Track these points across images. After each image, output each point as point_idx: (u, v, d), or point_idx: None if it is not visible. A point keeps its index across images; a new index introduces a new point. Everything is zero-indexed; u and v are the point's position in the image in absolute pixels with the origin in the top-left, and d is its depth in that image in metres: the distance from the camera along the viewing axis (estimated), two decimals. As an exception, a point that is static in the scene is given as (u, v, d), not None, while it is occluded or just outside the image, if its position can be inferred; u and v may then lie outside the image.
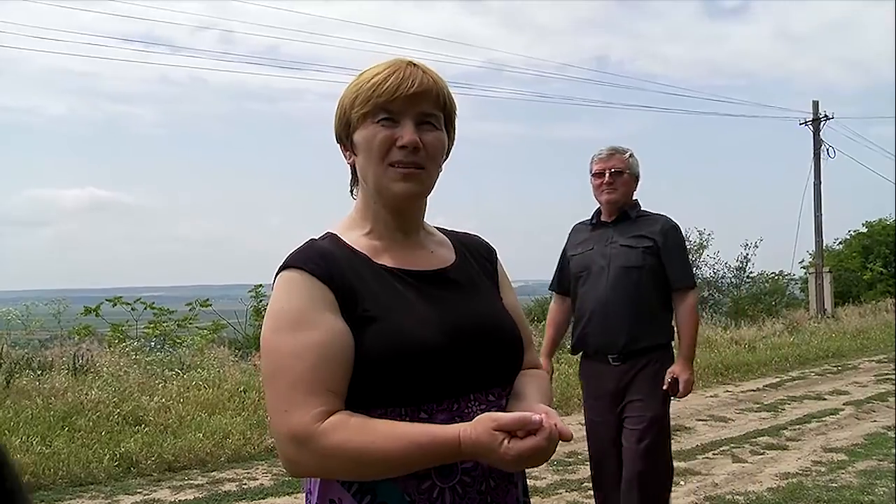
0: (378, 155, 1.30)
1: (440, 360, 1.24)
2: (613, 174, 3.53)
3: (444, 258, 1.42)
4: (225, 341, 10.32)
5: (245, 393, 7.33)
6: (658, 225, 3.55)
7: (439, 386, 1.25)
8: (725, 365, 10.95)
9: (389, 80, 1.29)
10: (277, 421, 1.21)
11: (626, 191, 3.58)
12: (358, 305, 1.26)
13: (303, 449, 1.18)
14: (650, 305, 3.50)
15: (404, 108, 1.29)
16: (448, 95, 1.36)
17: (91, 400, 6.62)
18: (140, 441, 5.92)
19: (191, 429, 6.29)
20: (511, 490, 1.31)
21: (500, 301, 1.45)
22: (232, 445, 6.08)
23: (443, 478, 1.23)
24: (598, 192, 3.58)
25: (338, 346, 1.22)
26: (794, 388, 9.58)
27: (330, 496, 1.27)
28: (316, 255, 1.30)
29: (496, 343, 1.33)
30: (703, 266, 19.79)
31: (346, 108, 1.34)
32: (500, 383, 1.34)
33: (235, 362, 8.63)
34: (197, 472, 5.69)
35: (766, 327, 14.98)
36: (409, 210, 1.38)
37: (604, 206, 3.61)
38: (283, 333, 1.24)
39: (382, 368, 1.22)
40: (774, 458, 6.04)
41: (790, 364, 11.67)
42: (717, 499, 4.96)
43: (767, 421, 7.58)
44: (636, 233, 3.52)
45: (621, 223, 3.58)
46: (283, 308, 1.26)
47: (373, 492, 1.23)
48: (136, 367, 7.94)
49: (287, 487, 5.26)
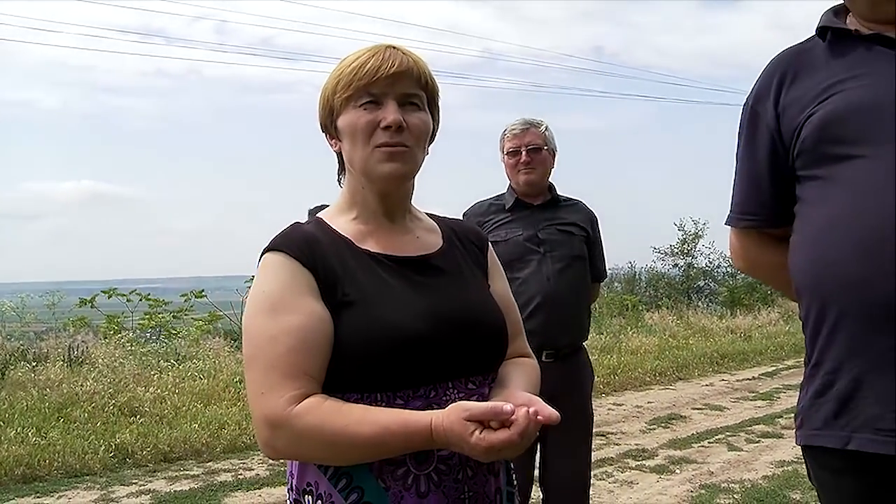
0: (363, 138, 1.31)
1: (417, 347, 1.23)
2: (530, 151, 3.10)
3: (430, 244, 1.41)
4: (220, 332, 10.31)
5: (240, 383, 7.31)
6: (584, 212, 3.24)
7: (416, 373, 1.24)
8: (721, 354, 11.00)
9: (369, 63, 1.29)
10: (254, 404, 1.22)
11: (544, 170, 3.16)
12: (338, 290, 1.25)
13: (277, 432, 1.19)
14: (588, 299, 3.25)
15: (386, 89, 1.30)
16: (429, 76, 1.36)
17: (86, 391, 6.62)
18: (135, 432, 5.91)
19: (186, 419, 6.29)
20: (490, 479, 1.31)
21: (487, 289, 1.44)
22: (227, 436, 6.07)
23: (418, 464, 1.23)
24: (514, 173, 3.14)
25: (316, 330, 1.22)
26: (789, 377, 9.59)
27: (307, 479, 1.27)
28: (299, 238, 1.30)
29: (477, 331, 1.32)
30: (698, 256, 19.83)
31: (329, 95, 1.35)
32: (481, 371, 1.33)
33: (231, 353, 8.62)
34: (192, 462, 5.68)
35: (762, 316, 15.02)
36: (395, 193, 1.37)
37: (522, 187, 3.14)
38: (263, 317, 1.24)
39: (359, 353, 1.22)
40: (770, 447, 6.06)
41: (785, 353, 11.71)
42: (712, 487, 4.96)
43: (763, 409, 7.60)
44: (567, 219, 3.15)
45: (549, 207, 3.16)
46: (263, 291, 1.26)
47: (348, 476, 1.23)
48: (132, 358, 7.94)
49: (283, 478, 5.25)
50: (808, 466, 1.46)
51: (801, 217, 1.42)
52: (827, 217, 1.34)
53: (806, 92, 1.40)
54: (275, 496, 4.95)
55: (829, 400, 1.33)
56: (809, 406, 1.38)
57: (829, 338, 1.34)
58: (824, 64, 1.40)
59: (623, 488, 5.05)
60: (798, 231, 1.43)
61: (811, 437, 1.37)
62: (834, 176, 1.33)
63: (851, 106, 1.32)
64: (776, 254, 1.58)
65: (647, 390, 8.85)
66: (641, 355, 10.54)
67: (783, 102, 1.43)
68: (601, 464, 5.57)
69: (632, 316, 14.75)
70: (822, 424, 1.34)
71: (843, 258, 1.29)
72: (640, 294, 18.80)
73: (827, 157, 1.35)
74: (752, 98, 1.52)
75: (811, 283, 1.36)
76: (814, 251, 1.36)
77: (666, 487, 5.03)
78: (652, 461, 5.68)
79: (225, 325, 11.35)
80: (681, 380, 9.60)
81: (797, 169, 1.43)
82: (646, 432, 6.67)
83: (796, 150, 1.40)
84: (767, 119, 1.45)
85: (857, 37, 1.38)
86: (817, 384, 1.36)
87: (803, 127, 1.38)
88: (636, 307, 16.07)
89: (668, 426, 6.91)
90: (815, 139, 1.35)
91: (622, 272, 19.66)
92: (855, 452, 1.28)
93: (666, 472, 5.38)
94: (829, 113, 1.34)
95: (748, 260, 1.66)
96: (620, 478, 5.27)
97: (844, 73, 1.36)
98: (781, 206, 1.51)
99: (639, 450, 6.00)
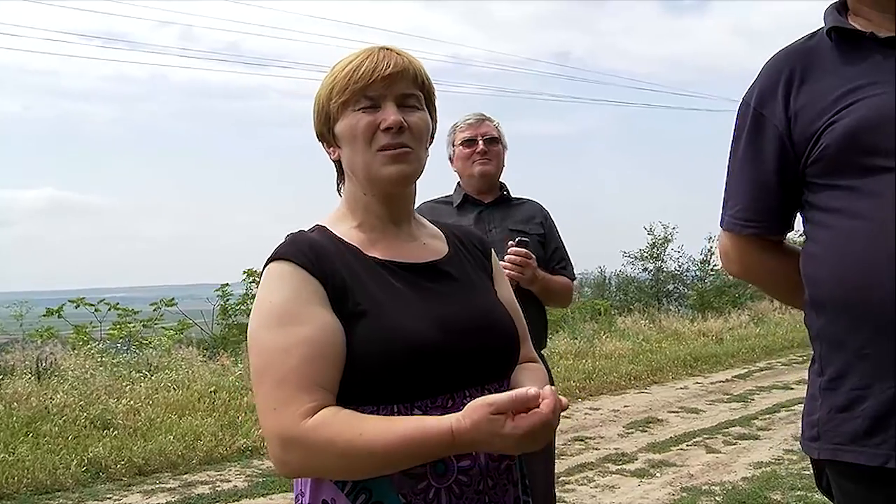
0: (363, 142, 1.28)
1: (435, 356, 1.20)
2: (487, 142, 2.91)
3: (437, 250, 1.39)
4: (193, 341, 10.15)
5: (215, 393, 7.21)
6: (536, 210, 3.03)
7: (434, 382, 1.21)
8: (694, 357, 11.09)
9: (364, 65, 1.27)
10: (265, 420, 1.17)
11: (499, 163, 2.97)
12: (349, 299, 1.22)
13: (291, 448, 1.14)
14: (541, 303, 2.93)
15: (383, 90, 1.27)
16: (425, 75, 1.34)
17: (56, 404, 6.45)
18: (108, 445, 5.77)
19: (161, 431, 6.15)
20: (510, 489, 1.28)
21: (495, 294, 1.41)
22: (203, 447, 5.96)
23: (438, 477, 1.19)
24: (467, 164, 2.93)
25: (328, 340, 1.18)
26: (762, 379, 9.72)
27: (322, 496, 1.22)
28: (305, 246, 1.26)
29: (492, 337, 1.30)
30: (667, 260, 20.01)
31: (324, 101, 1.32)
32: (497, 378, 1.30)
33: (204, 362, 8.49)
34: (168, 475, 5.57)
35: (733, 319, 15.18)
36: (400, 197, 1.35)
37: (476, 179, 2.93)
38: (271, 328, 1.19)
39: (375, 364, 1.18)
40: (747, 448, 6.11)
41: (757, 355, 11.84)
42: (693, 489, 4.98)
43: (738, 411, 7.67)
44: (520, 216, 2.95)
45: (500, 206, 2.96)
46: (270, 302, 1.21)
47: (368, 492, 1.19)
48: (102, 369, 7.76)
49: (262, 489, 5.18)
50: (822, 476, 1.45)
51: (823, 227, 1.39)
52: (858, 230, 1.30)
53: (821, 96, 1.36)
54: (254, 508, 4.87)
55: (859, 416, 1.31)
56: (829, 420, 1.36)
57: (858, 353, 1.31)
58: (836, 66, 1.37)
59: (605, 493, 5.05)
60: (819, 242, 1.39)
61: (837, 451, 1.34)
62: (865, 187, 1.30)
63: (881, 114, 1.28)
64: (774, 260, 1.56)
65: (623, 394, 8.88)
66: (616, 359, 10.59)
67: (794, 106, 1.39)
68: (581, 469, 5.58)
69: (604, 320, 14.82)
70: (849, 440, 1.32)
71: (880, 274, 1.26)
72: (610, 299, 18.92)
73: (856, 167, 1.31)
74: (754, 99, 1.47)
75: (839, 296, 1.33)
76: (843, 264, 1.32)
77: (647, 491, 5.04)
78: (632, 465, 5.69)
79: (196, 334, 11.18)
80: (655, 383, 9.65)
81: (810, 176, 1.39)
82: (624, 436, 6.69)
83: (813, 156, 1.37)
84: (776, 122, 1.42)
85: (873, 40, 1.35)
86: (841, 399, 1.34)
87: (823, 133, 1.34)
88: (608, 312, 16.16)
89: (645, 430, 6.93)
90: (842, 147, 1.32)
91: (592, 277, 19.79)
92: (890, 471, 1.27)
93: (646, 476, 5.39)
94: (857, 121, 1.30)
95: (744, 265, 1.61)
96: (602, 482, 5.27)
97: (863, 79, 1.33)
98: (787, 212, 1.49)
99: (618, 454, 6.01)
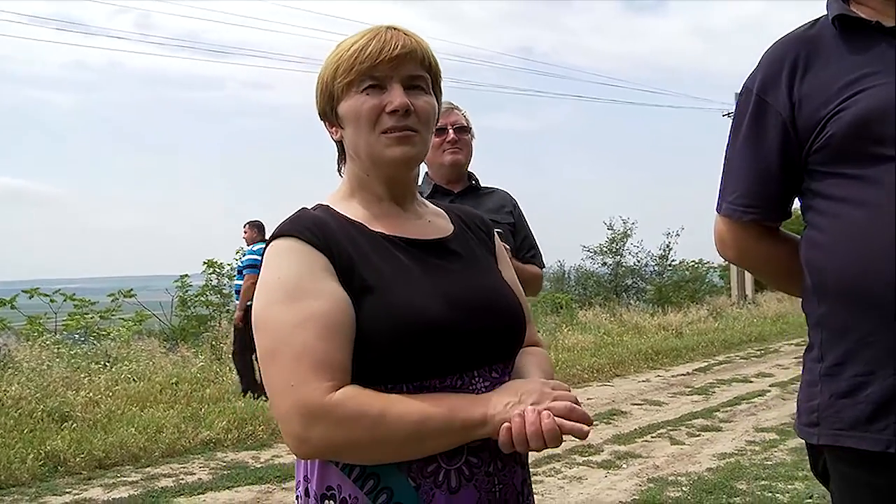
0: (368, 124, 1.24)
1: (445, 334, 1.17)
2: (457, 130, 2.87)
3: (443, 228, 1.36)
4: (154, 332, 9.98)
5: (177, 385, 7.10)
6: (505, 199, 3.01)
7: (443, 361, 1.18)
8: (655, 350, 11.24)
9: (371, 45, 1.23)
10: (282, 397, 1.12)
11: (469, 152, 2.94)
12: (356, 275, 1.18)
13: (316, 422, 1.09)
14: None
15: (390, 71, 1.24)
16: (432, 57, 1.30)
17: (11, 396, 6.29)
18: (67, 438, 5.64)
19: (122, 423, 6.04)
20: (517, 470, 1.26)
21: (501, 274, 1.39)
22: (166, 439, 5.86)
23: (448, 460, 1.16)
24: (437, 153, 2.85)
25: (342, 315, 1.14)
26: (721, 372, 9.89)
27: (328, 483, 1.19)
28: (309, 222, 1.22)
29: (501, 317, 1.28)
30: (626, 254, 20.26)
31: (328, 80, 1.28)
32: (503, 359, 1.28)
33: (164, 354, 8.34)
34: (130, 468, 5.45)
35: (692, 313, 15.42)
36: (402, 179, 1.31)
37: (446, 169, 2.90)
38: (281, 305, 1.15)
39: (384, 342, 1.14)
40: (710, 440, 6.20)
41: (716, 348, 12.06)
42: (660, 480, 5.03)
43: (700, 404, 7.78)
44: (490, 206, 2.91)
45: (469, 196, 2.92)
46: (277, 278, 1.17)
47: (376, 477, 1.16)
48: (59, 360, 7.60)
49: (227, 481, 5.10)
50: (819, 462, 1.45)
51: (827, 216, 1.39)
52: (865, 219, 1.31)
53: (826, 84, 1.36)
54: (220, 500, 4.79)
55: (862, 402, 1.31)
56: (830, 405, 1.37)
57: (863, 340, 1.31)
58: (841, 54, 1.37)
59: (573, 484, 5.07)
60: (824, 230, 1.39)
61: (838, 437, 1.35)
62: (871, 176, 1.30)
63: (890, 104, 1.28)
64: (772, 246, 1.56)
65: (586, 387, 8.95)
66: (578, 352, 10.69)
67: (798, 93, 1.39)
68: (548, 460, 5.60)
69: (566, 314, 14.95)
70: (850, 426, 1.33)
71: (886, 262, 1.27)
72: (569, 292, 19.09)
73: (862, 156, 1.31)
74: (756, 85, 1.46)
75: (846, 285, 1.33)
76: (851, 253, 1.32)
77: (614, 482, 5.08)
78: (598, 457, 5.73)
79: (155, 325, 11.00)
80: (617, 376, 9.77)
81: (813, 164, 1.39)
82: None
83: (817, 144, 1.37)
84: (779, 108, 1.41)
85: (878, 29, 1.36)
86: (842, 385, 1.35)
87: (829, 121, 1.34)
88: (569, 305, 16.31)
89: (610, 422, 6.99)
90: (848, 136, 1.32)
91: (551, 271, 19.96)
92: (892, 456, 1.28)
93: (613, 468, 5.43)
94: (865, 110, 1.30)
95: (740, 251, 1.60)
96: (569, 474, 5.30)
97: (868, 68, 1.33)
98: (787, 199, 1.49)
99: (584, 446, 6.02)
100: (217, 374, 8.22)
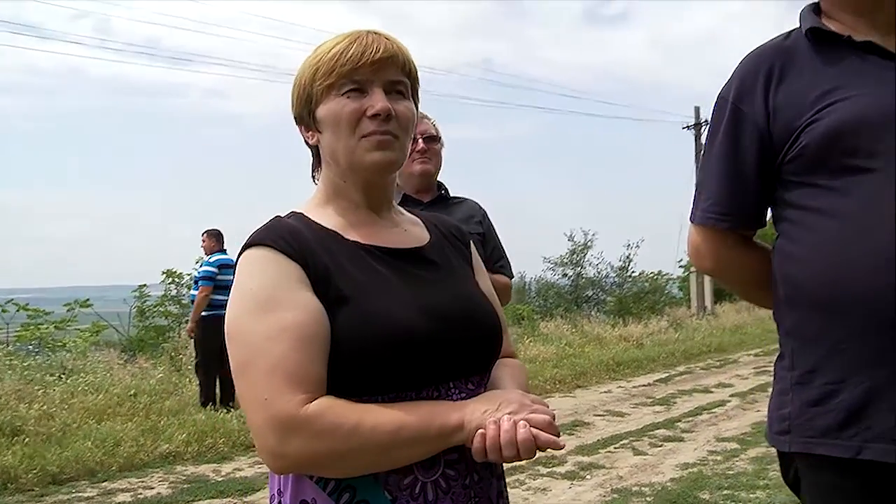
0: (347, 128, 1.22)
1: (423, 345, 1.15)
2: (427, 140, 2.85)
3: (419, 237, 1.34)
4: (112, 343, 9.76)
5: (136, 397, 6.94)
6: (474, 209, 3.00)
7: (420, 373, 1.16)
8: (616, 361, 11.31)
9: (352, 48, 1.21)
10: (255, 411, 1.09)
11: (438, 162, 2.93)
12: (331, 285, 1.15)
13: (292, 435, 1.07)
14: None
15: (371, 76, 1.22)
16: (412, 63, 1.29)
17: (-40, 409, 6.10)
18: (19, 453, 5.47)
19: (77, 437, 5.89)
20: (493, 482, 1.25)
21: (478, 284, 1.38)
22: (124, 453, 5.72)
23: (425, 471, 1.14)
24: (408, 163, 2.77)
25: (316, 326, 1.11)
26: (682, 383, 9.99)
27: (302, 496, 1.16)
28: (283, 231, 1.20)
29: (478, 328, 1.26)
30: (587, 266, 20.45)
31: (306, 83, 1.25)
32: (480, 370, 1.27)
33: (122, 365, 8.16)
34: (86, 483, 5.31)
35: (652, 324, 15.57)
36: (380, 185, 1.30)
37: (416, 178, 2.88)
38: (254, 316, 1.12)
39: (359, 353, 1.12)
40: (673, 450, 6.24)
41: (676, 359, 12.18)
42: (624, 491, 5.05)
43: (662, 414, 7.84)
44: (460, 216, 2.87)
45: (438, 206, 2.89)
46: (250, 288, 1.14)
47: (352, 490, 1.13)
48: (11, 372, 7.38)
49: (186, 496, 5.00)
50: (790, 470, 1.46)
51: (801, 226, 1.40)
52: (839, 230, 1.33)
53: (800, 94, 1.38)
54: (179, 516, 4.69)
55: (833, 410, 1.33)
56: (801, 414, 1.38)
57: (834, 349, 1.33)
58: (815, 66, 1.40)
59: (537, 495, 5.07)
60: (798, 241, 1.41)
61: (809, 445, 1.36)
62: (844, 187, 1.33)
63: (862, 116, 1.31)
64: (747, 256, 1.57)
65: (548, 398, 8.95)
66: (540, 363, 10.71)
67: (773, 102, 1.41)
68: (513, 472, 5.58)
69: (527, 325, 15.00)
70: (821, 433, 1.34)
71: (859, 272, 1.29)
72: (530, 303, 19.19)
73: (835, 167, 1.33)
74: (732, 94, 1.48)
75: (820, 295, 1.35)
76: (822, 262, 1.34)
77: (579, 493, 5.08)
78: (562, 468, 5.73)
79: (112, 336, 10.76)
80: (579, 387, 9.80)
81: (786, 173, 1.41)
82: (553, 439, 6.73)
83: (790, 154, 1.39)
84: (755, 118, 1.43)
85: (849, 43, 1.38)
86: (813, 393, 1.36)
87: (803, 132, 1.36)
88: (531, 317, 16.36)
89: (573, 433, 7.01)
90: (823, 147, 1.34)
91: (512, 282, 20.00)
92: (862, 461, 1.29)
93: (577, 478, 5.44)
94: (838, 122, 1.32)
95: (718, 260, 1.60)
96: (533, 485, 5.29)
97: (841, 81, 1.36)
98: (762, 207, 1.51)
99: (548, 456, 6.02)
100: (176, 386, 8.07)
